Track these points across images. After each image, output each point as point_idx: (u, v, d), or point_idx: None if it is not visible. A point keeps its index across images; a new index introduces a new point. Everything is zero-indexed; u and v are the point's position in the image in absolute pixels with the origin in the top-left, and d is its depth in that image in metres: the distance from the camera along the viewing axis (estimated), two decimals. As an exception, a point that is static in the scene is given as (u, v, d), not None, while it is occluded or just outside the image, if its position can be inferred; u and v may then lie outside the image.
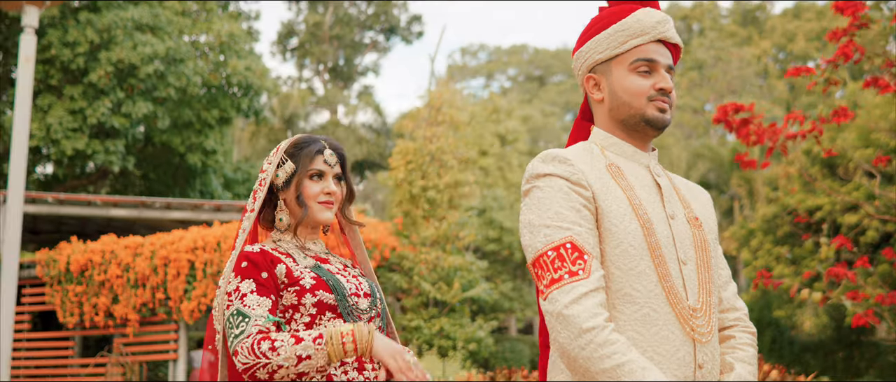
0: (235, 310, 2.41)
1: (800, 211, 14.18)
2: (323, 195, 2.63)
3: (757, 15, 42.66)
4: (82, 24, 16.30)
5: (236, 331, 2.37)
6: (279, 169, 2.64)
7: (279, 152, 2.66)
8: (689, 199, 2.20)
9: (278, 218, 2.65)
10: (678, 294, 2.01)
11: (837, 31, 5.39)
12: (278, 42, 37.86)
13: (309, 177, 2.62)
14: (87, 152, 16.38)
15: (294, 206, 2.63)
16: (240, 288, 2.45)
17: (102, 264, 11.47)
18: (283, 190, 2.63)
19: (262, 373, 2.30)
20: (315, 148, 2.64)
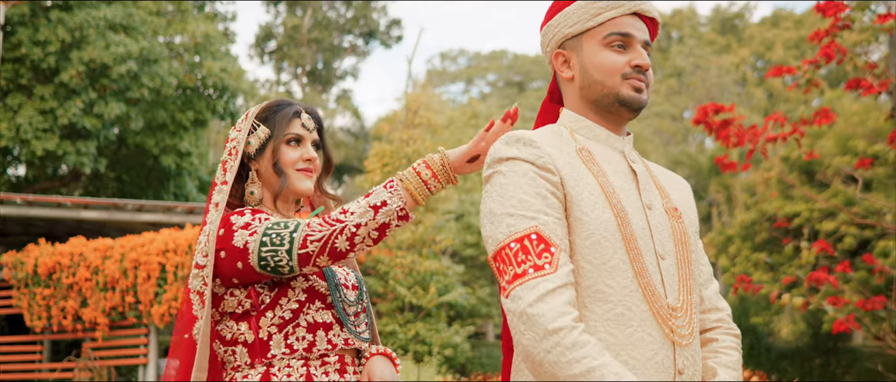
0: (270, 223, 2.14)
1: (778, 217, 14.16)
2: (302, 162, 2.36)
3: (736, 23, 42.92)
4: (53, 22, 16.03)
5: (289, 229, 2.10)
6: (251, 135, 2.36)
7: (249, 117, 2.37)
8: (667, 189, 2.01)
9: (249, 191, 2.36)
10: (656, 291, 1.81)
11: (819, 31, 5.30)
12: (256, 45, 37.59)
13: (286, 143, 2.35)
14: (58, 153, 16.10)
15: (270, 176, 2.35)
16: (257, 216, 2.19)
17: (71, 267, 11.23)
18: (255, 158, 2.35)
19: (341, 241, 2.06)
20: (292, 110, 2.38)
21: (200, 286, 2.21)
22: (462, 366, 17.75)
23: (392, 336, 12.19)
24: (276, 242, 2.10)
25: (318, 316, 2.22)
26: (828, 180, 14.04)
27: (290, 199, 2.40)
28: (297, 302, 2.20)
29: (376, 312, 12.99)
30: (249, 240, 2.13)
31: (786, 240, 12.21)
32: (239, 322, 2.22)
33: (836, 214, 13.22)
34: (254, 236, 2.13)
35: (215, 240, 2.18)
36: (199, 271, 2.21)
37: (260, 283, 2.21)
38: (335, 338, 2.24)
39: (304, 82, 38.71)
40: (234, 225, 2.17)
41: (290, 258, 2.10)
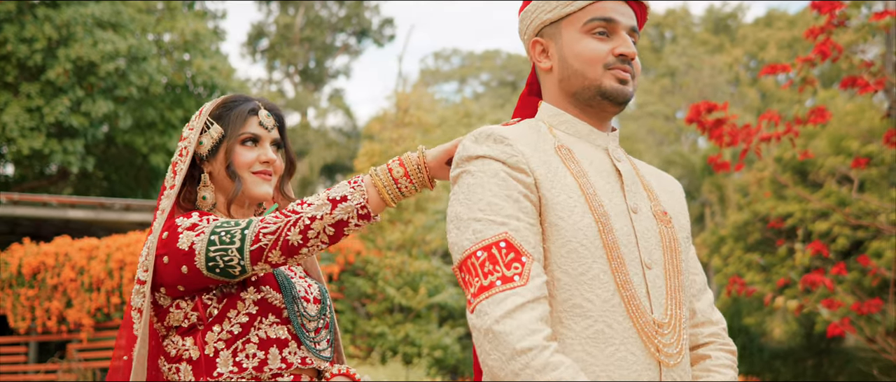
0: (220, 223, 1.96)
1: (771, 218, 14.08)
2: (259, 164, 2.16)
3: (729, 23, 42.88)
4: (40, 19, 15.85)
5: (241, 226, 1.92)
6: (203, 134, 2.15)
7: (203, 114, 2.16)
8: (656, 190, 1.82)
9: (201, 196, 2.15)
10: (640, 305, 1.62)
11: (814, 29, 5.19)
12: (248, 43, 37.42)
13: (241, 143, 2.15)
14: (45, 152, 15.93)
15: (223, 179, 2.15)
16: (205, 218, 2.01)
17: (56, 267, 11.10)
18: (207, 160, 2.15)
19: (293, 234, 1.88)
20: (247, 107, 2.17)
21: (141, 302, 2.01)
22: (454, 368, 17.64)
23: (381, 337, 12.06)
24: (225, 240, 1.93)
25: (272, 332, 2.03)
26: (821, 180, 13.97)
27: (246, 205, 2.21)
28: (248, 315, 2.01)
29: (365, 313, 12.85)
30: (196, 241, 1.95)
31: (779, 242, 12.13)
32: (184, 336, 2.03)
33: (829, 215, 13.15)
34: (201, 236, 1.95)
35: (156, 245, 1.99)
36: (141, 287, 2.02)
37: (208, 293, 2.01)
38: (290, 357, 2.03)
39: (297, 81, 38.56)
40: (180, 227, 1.99)
41: (242, 257, 1.91)
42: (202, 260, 1.94)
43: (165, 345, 2.06)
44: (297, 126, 35.34)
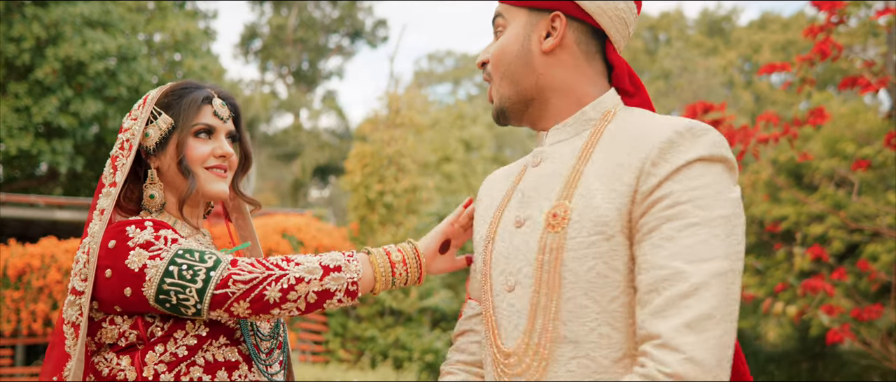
0: (179, 250, 1.74)
1: (767, 221, 13.98)
2: (213, 158, 1.95)
3: (723, 26, 42.87)
4: (28, 18, 15.69)
5: (206, 264, 1.72)
6: (150, 125, 1.92)
7: (148, 103, 1.93)
8: (593, 174, 1.53)
9: (148, 195, 1.93)
10: (494, 331, 1.53)
11: (814, 27, 5.08)
12: (241, 44, 37.25)
13: (194, 135, 1.93)
14: (33, 152, 15.77)
15: (174, 176, 1.93)
16: (161, 235, 1.78)
17: (42, 268, 10.94)
18: (155, 154, 1.93)
19: (272, 291, 1.69)
20: (201, 95, 1.95)
21: (76, 316, 1.79)
22: (446, 371, 17.53)
23: (372, 341, 11.92)
24: (185, 276, 1.71)
25: (221, 354, 1.83)
26: (816, 183, 13.88)
27: (199, 204, 1.99)
28: (197, 337, 1.81)
29: (355, 316, 12.70)
30: (149, 265, 1.73)
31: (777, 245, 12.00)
32: (120, 355, 1.81)
33: (824, 218, 13.07)
34: (157, 261, 1.73)
35: (99, 254, 1.77)
36: (77, 298, 1.79)
37: (150, 312, 1.80)
38: (241, 380, 1.84)
39: (290, 82, 38.41)
40: (131, 239, 1.77)
41: (201, 300, 1.71)
42: (152, 291, 1.73)
43: (96, 363, 1.84)
44: (289, 127, 35.17)
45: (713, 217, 1.40)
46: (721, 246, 1.38)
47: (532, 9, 1.61)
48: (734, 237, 1.41)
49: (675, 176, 1.43)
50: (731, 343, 1.36)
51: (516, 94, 1.63)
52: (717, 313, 1.34)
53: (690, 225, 1.39)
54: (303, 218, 12.59)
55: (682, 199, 1.41)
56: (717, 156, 1.46)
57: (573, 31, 1.61)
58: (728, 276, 1.37)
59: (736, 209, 1.43)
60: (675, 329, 1.33)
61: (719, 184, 1.43)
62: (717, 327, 1.34)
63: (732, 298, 1.38)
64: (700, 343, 1.32)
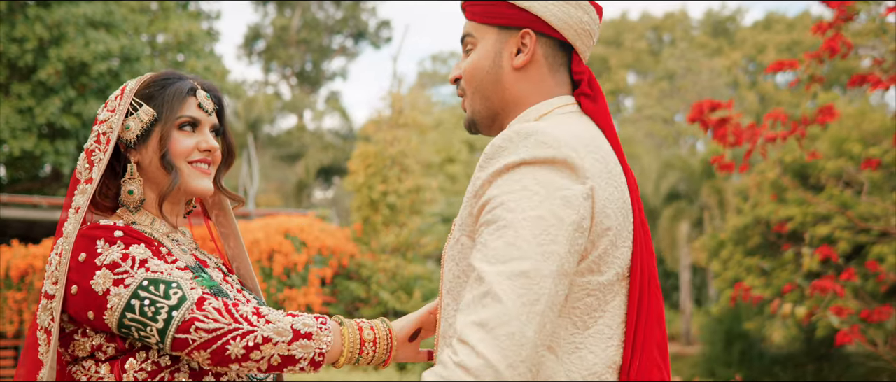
0: (144, 280, 1.64)
1: (773, 222, 13.89)
2: (198, 152, 1.85)
3: (727, 26, 42.76)
4: (31, 19, 15.67)
5: (170, 302, 1.61)
6: (130, 117, 1.81)
7: (126, 94, 1.82)
8: (473, 180, 1.65)
9: (127, 191, 1.83)
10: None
11: (822, 24, 5.00)
12: (245, 45, 37.25)
13: (177, 128, 1.83)
14: (36, 153, 15.77)
15: (155, 171, 1.83)
16: (130, 254, 1.67)
17: (44, 270, 10.92)
18: (136, 148, 1.82)
19: (235, 346, 1.61)
20: (185, 86, 1.86)
21: (48, 322, 1.70)
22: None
23: (375, 342, 11.85)
24: (147, 313, 1.63)
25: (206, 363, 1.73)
26: (822, 183, 13.80)
27: (180, 201, 1.90)
28: None
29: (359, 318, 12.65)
30: (113, 293, 1.64)
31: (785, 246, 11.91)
32: (99, 363, 1.73)
33: (830, 218, 12.99)
34: (121, 289, 1.64)
35: (69, 266, 1.68)
36: (49, 302, 1.71)
37: None
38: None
39: (293, 83, 38.40)
40: (99, 257, 1.67)
41: (162, 340, 1.63)
42: (114, 321, 1.65)
43: (73, 371, 1.76)
44: (293, 128, 35.13)
45: (523, 218, 1.43)
46: (526, 246, 1.41)
47: (502, 27, 1.65)
48: (546, 236, 1.42)
49: (495, 180, 1.48)
50: (528, 345, 1.37)
51: (486, 109, 1.69)
52: (512, 314, 1.37)
53: (499, 227, 1.44)
54: (306, 218, 12.54)
55: (497, 204, 1.46)
56: (541, 157, 1.47)
57: (542, 46, 1.65)
58: (530, 277, 1.40)
59: (558, 209, 1.44)
60: (468, 325, 1.39)
61: (539, 186, 1.45)
62: (509, 327, 1.37)
63: (533, 299, 1.39)
64: (488, 341, 1.36)
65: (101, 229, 1.71)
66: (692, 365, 21.45)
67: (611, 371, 1.55)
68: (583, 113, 1.68)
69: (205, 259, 1.92)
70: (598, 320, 1.54)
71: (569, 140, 1.50)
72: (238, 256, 2.03)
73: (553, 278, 1.41)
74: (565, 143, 1.49)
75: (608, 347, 1.54)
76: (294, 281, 11.40)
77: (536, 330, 1.39)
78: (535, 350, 1.39)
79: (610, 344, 1.54)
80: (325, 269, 11.81)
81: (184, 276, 1.68)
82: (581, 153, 1.51)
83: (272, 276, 11.27)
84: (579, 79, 1.69)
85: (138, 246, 1.70)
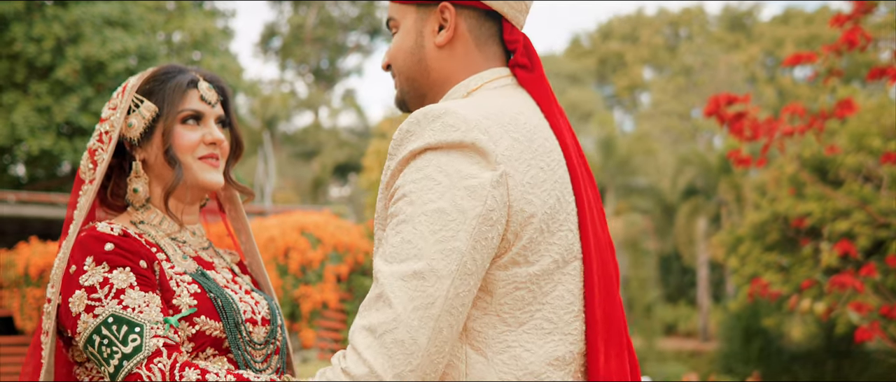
0: (110, 316, 1.58)
1: (792, 217, 13.78)
2: (204, 146, 1.81)
3: (745, 21, 42.47)
4: (49, 18, 15.77)
5: (125, 349, 1.55)
6: (132, 114, 1.78)
7: (128, 91, 1.79)
8: None
9: (132, 189, 1.80)
10: None
11: (840, 16, 4.94)
12: (261, 43, 37.37)
13: (181, 122, 1.80)
14: (55, 151, 15.87)
15: (160, 167, 1.79)
16: (110, 281, 1.62)
17: (62, 268, 10.99)
18: (140, 145, 1.79)
19: None
20: (185, 79, 1.81)
21: (49, 325, 1.70)
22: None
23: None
24: (104, 353, 1.59)
25: (211, 366, 1.68)
26: (841, 179, 13.67)
27: (185, 196, 1.83)
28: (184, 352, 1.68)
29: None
30: (82, 319, 1.62)
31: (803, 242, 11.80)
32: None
33: (850, 213, 12.87)
34: (90, 318, 1.61)
35: (63, 276, 1.67)
36: (48, 305, 1.70)
37: None
38: None
39: (309, 81, 38.49)
40: (82, 276, 1.64)
41: (116, 375, 1.59)
42: (81, 345, 1.64)
43: (76, 373, 1.75)
44: (309, 126, 35.22)
45: (422, 212, 1.32)
46: (423, 243, 1.31)
47: (420, 5, 1.54)
48: (446, 231, 1.31)
49: (403, 169, 1.38)
50: (420, 353, 1.28)
51: (414, 90, 1.58)
52: (401, 319, 1.28)
53: (399, 223, 1.34)
54: (322, 215, 12.55)
55: (400, 195, 1.36)
56: (448, 142, 1.35)
57: (465, 19, 1.53)
58: (425, 278, 1.29)
59: (461, 200, 1.32)
60: (358, 329, 1.31)
61: (442, 174, 1.34)
62: (397, 334, 1.27)
63: (426, 303, 1.28)
64: (376, 348, 1.28)
65: (95, 240, 1.67)
66: (709, 362, 21.36)
67: (553, 367, 1.42)
68: (518, 85, 1.55)
69: (212, 260, 1.87)
70: (534, 314, 1.40)
71: (480, 121, 1.37)
72: (249, 251, 1.99)
73: (452, 278, 1.30)
74: (475, 125, 1.36)
75: (547, 342, 1.41)
76: (310, 277, 11.41)
77: (430, 337, 1.28)
78: (429, 358, 1.29)
79: (550, 339, 1.41)
80: (341, 266, 11.81)
81: (151, 318, 1.61)
82: (494, 134, 1.38)
83: (288, 273, 11.28)
84: (513, 48, 1.56)
85: (123, 271, 1.65)
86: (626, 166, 27.36)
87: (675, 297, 32.34)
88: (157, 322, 1.61)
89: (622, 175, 27.59)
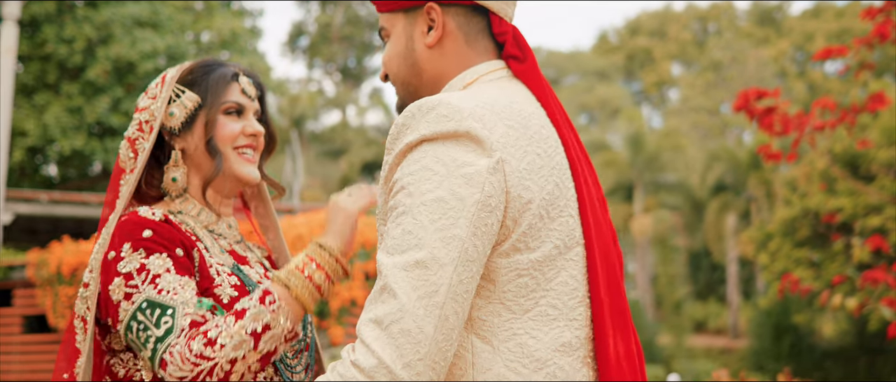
0: (144, 302, 1.60)
1: (823, 213, 13.63)
2: (244, 138, 1.82)
3: (774, 15, 42.04)
4: (79, 20, 15.96)
5: (157, 333, 1.57)
6: (173, 104, 1.79)
7: (168, 82, 1.81)
8: None
9: (170, 178, 1.80)
10: None
11: (872, 9, 4.88)
12: (288, 42, 37.57)
13: (223, 113, 1.80)
14: (86, 151, 16.06)
15: (201, 157, 1.80)
16: (147, 267, 1.64)
17: (93, 266, 11.12)
18: (180, 134, 1.80)
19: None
20: (229, 72, 1.83)
21: (85, 310, 1.70)
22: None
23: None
24: (140, 338, 1.60)
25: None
26: (873, 173, 13.51)
27: (224, 188, 1.84)
28: None
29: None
30: (122, 307, 1.63)
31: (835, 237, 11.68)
32: (138, 355, 1.71)
33: (882, 208, 12.72)
34: (128, 305, 1.62)
35: (101, 260, 1.68)
36: (85, 290, 1.71)
37: None
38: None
39: (337, 79, 38.64)
40: (120, 263, 1.65)
41: (151, 365, 1.61)
42: (123, 331, 1.65)
43: (111, 364, 1.74)
44: (337, 124, 35.37)
45: (421, 202, 1.33)
46: (423, 233, 1.32)
47: (407, 9, 1.57)
48: (446, 220, 1.32)
49: (401, 162, 1.39)
50: (427, 342, 1.29)
51: (410, 94, 1.58)
52: (407, 309, 1.29)
53: (399, 215, 1.35)
54: (349, 213, 12.58)
55: (398, 188, 1.37)
56: (443, 132, 1.37)
57: (452, 17, 1.54)
58: (428, 267, 1.31)
59: (459, 188, 1.34)
60: (365, 322, 1.32)
61: (439, 164, 1.35)
62: (404, 323, 1.29)
63: (430, 291, 1.30)
64: (383, 340, 1.29)
65: (135, 225, 1.69)
66: (740, 359, 21.18)
67: (561, 353, 1.42)
68: (513, 76, 1.56)
69: (245, 255, 1.88)
70: (539, 301, 1.41)
71: (474, 110, 1.39)
72: (277, 248, 1.99)
73: (454, 265, 1.31)
74: (469, 114, 1.38)
75: (553, 328, 1.41)
76: (338, 275, 11.47)
77: (436, 325, 1.29)
78: (436, 345, 1.30)
79: (556, 325, 1.41)
80: (369, 263, 11.84)
81: (184, 300, 1.62)
82: (489, 122, 1.39)
83: (317, 271, 11.35)
84: (503, 40, 1.57)
85: (159, 257, 1.66)
86: (654, 162, 27.21)
87: (704, 294, 32.12)
88: (190, 303, 1.62)
89: (651, 171, 27.43)
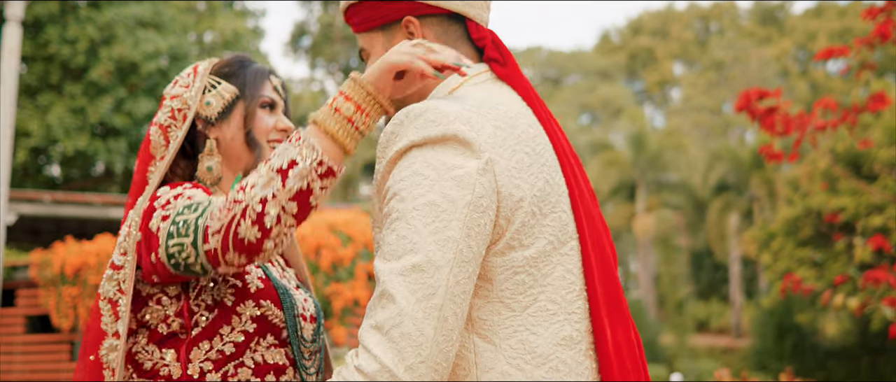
0: (181, 206, 1.61)
1: (824, 213, 13.63)
2: (276, 132, 1.84)
3: (776, 15, 42.02)
4: (82, 20, 15.98)
5: (196, 217, 1.57)
6: (209, 93, 1.81)
7: (201, 73, 1.82)
8: None
9: (206, 167, 1.80)
10: None
11: (873, 9, 4.89)
12: (291, 42, 37.59)
13: (260, 106, 1.83)
14: (89, 152, 16.08)
15: (237, 148, 1.81)
16: (182, 193, 1.67)
17: (98, 265, 11.13)
18: (217, 124, 1.81)
19: (246, 228, 1.50)
20: (265, 68, 1.87)
21: (114, 292, 1.69)
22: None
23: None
24: (182, 232, 1.58)
25: (270, 356, 1.72)
26: (875, 173, 13.51)
27: None
28: (244, 333, 1.70)
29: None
30: (162, 226, 1.62)
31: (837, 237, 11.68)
32: (163, 347, 1.71)
33: (884, 208, 12.72)
34: (166, 224, 1.61)
35: (141, 222, 1.67)
36: (115, 272, 1.69)
37: (196, 297, 1.70)
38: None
39: (339, 79, 38.67)
40: (160, 198, 1.67)
41: (198, 254, 1.57)
42: (164, 253, 1.61)
43: (135, 352, 1.73)
44: (339, 124, 35.35)
45: (413, 207, 1.35)
46: (417, 237, 1.34)
47: (384, 26, 1.59)
48: (439, 223, 1.34)
49: (392, 169, 1.41)
50: (428, 344, 1.30)
51: (396, 106, 1.57)
52: (406, 313, 1.31)
53: (394, 220, 1.37)
54: (352, 213, 12.61)
55: (391, 195, 1.39)
56: (431, 137, 1.38)
57: (430, 27, 1.57)
58: (424, 270, 1.32)
59: (450, 191, 1.35)
60: (367, 329, 1.33)
61: (429, 168, 1.37)
62: (404, 327, 1.30)
63: (428, 294, 1.32)
64: (385, 345, 1.30)
65: (171, 184, 1.73)
66: (742, 359, 21.18)
67: (562, 347, 1.43)
68: (497, 79, 1.57)
69: None
70: (537, 297, 1.42)
71: (461, 113, 1.40)
72: (288, 248, 2.00)
73: (450, 267, 1.33)
74: (456, 117, 1.39)
75: (553, 323, 1.42)
76: (341, 275, 11.47)
77: (436, 327, 1.31)
78: (437, 347, 1.31)
79: (555, 320, 1.43)
80: (372, 263, 11.88)
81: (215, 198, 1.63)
82: (476, 124, 1.40)
83: (319, 271, 11.35)
84: (482, 45, 1.58)
85: (194, 189, 1.69)
86: (656, 162, 27.20)
87: (706, 294, 32.12)
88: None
89: (653, 171, 27.43)
